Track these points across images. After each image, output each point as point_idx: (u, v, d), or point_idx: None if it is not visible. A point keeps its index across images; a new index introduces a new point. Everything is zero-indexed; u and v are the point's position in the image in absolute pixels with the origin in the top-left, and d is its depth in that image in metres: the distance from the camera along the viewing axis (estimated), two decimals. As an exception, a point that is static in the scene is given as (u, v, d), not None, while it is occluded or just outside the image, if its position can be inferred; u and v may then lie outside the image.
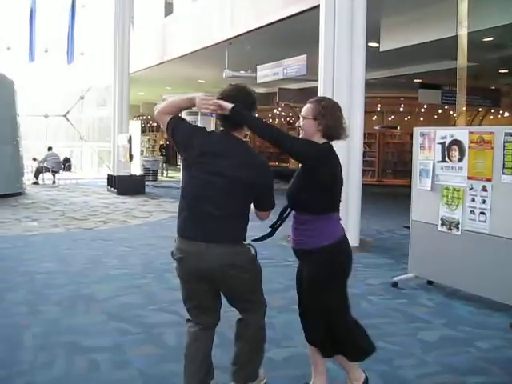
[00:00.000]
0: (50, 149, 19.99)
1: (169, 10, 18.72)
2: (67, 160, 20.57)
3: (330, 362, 3.57)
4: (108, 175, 18.04)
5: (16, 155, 15.65)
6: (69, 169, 20.26)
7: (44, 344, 4.44)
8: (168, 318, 5.13)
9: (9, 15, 20.42)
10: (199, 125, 11.55)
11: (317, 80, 9.06)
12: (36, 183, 19.19)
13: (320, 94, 8.90)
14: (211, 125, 15.94)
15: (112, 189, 16.87)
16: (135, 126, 20.41)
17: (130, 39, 18.28)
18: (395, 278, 6.51)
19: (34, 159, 20.17)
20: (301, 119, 3.32)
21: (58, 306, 5.53)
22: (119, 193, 16.18)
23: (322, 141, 3.28)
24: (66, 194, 16.27)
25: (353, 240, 8.84)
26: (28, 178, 18.57)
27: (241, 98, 3.15)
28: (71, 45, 20.01)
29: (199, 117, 16.66)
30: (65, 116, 22.82)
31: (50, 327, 4.86)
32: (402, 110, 22.91)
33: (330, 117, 3.24)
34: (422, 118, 22.41)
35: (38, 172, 19.55)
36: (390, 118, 23.55)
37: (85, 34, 21.39)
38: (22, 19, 19.84)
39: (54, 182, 19.75)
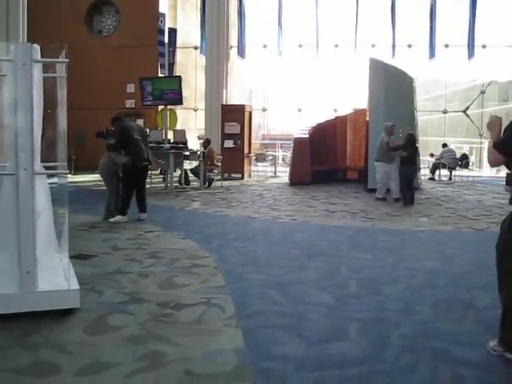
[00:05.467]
0: (444, 145, 19.82)
1: None
2: (465, 157, 20.06)
3: None
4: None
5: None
6: (466, 166, 19.72)
7: (410, 346, 4.24)
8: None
9: (410, 13, 20.89)
10: None
11: None
12: (432, 179, 19.25)
13: None
14: None
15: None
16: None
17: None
18: None
19: (432, 155, 20.26)
20: None
21: (432, 307, 5.27)
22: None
23: None
24: (460, 192, 15.86)
25: None
26: (424, 173, 18.74)
27: None
28: (472, 38, 19.33)
29: None
30: (464, 112, 22.31)
31: (420, 329, 4.64)
32: None
33: None
34: None
35: (435, 168, 19.57)
36: None
37: (486, 26, 20.52)
38: (423, 16, 20.03)
39: (450, 178, 19.51)
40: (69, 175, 5.67)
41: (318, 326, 4.70)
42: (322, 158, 17.19)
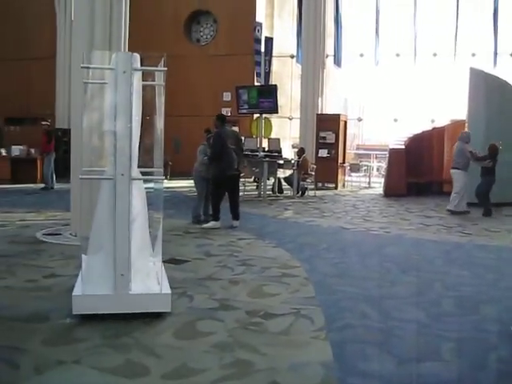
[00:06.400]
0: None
1: None
2: None
3: None
4: None
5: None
6: None
7: (509, 371, 4.00)
8: None
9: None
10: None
11: None
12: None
13: None
14: None
15: None
16: None
17: None
18: None
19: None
20: None
21: (534, 331, 4.98)
22: None
23: None
24: None
25: None
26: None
27: None
28: None
29: None
30: None
31: (520, 353, 4.38)
32: None
33: None
34: None
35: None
36: None
37: None
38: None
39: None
40: (165, 180, 5.78)
41: (410, 343, 4.54)
42: (418, 169, 16.77)
